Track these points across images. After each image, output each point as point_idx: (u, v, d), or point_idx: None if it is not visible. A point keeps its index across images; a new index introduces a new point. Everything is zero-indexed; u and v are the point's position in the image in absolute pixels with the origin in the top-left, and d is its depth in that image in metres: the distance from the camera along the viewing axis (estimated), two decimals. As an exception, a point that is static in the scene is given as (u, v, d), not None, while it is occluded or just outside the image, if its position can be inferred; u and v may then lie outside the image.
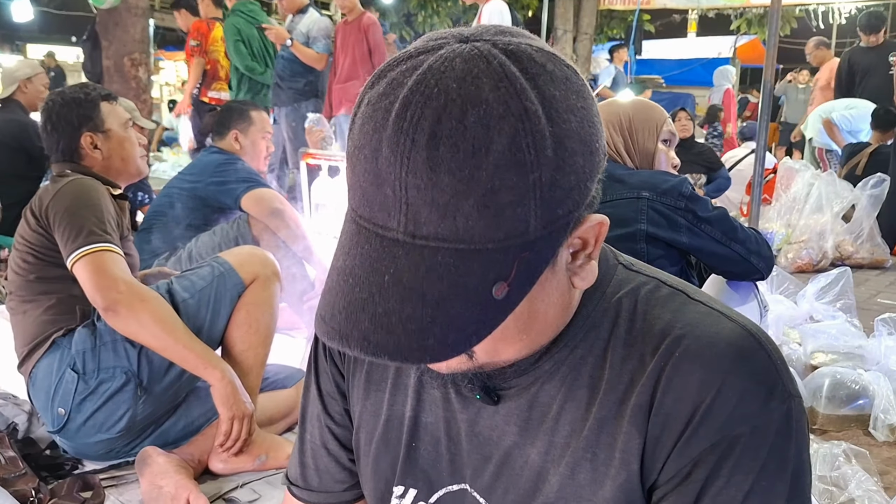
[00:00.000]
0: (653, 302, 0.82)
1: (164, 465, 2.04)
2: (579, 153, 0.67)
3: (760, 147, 5.01)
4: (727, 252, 2.10)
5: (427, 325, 0.65)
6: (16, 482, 2.02)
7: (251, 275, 2.33)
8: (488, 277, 0.65)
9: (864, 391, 2.73)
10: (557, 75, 0.67)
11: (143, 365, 2.14)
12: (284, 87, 6.17)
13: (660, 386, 0.76)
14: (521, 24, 6.65)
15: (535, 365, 0.82)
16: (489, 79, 0.64)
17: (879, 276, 5.48)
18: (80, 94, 2.43)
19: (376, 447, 0.95)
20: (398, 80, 0.66)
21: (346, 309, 0.67)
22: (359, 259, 0.67)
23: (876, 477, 2.22)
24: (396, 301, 0.65)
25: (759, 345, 0.78)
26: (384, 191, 0.65)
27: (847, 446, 2.32)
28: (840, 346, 3.14)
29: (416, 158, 0.63)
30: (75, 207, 2.16)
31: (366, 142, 0.66)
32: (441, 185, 0.63)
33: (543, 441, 0.82)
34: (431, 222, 0.64)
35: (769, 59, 5.05)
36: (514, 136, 0.63)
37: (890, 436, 2.59)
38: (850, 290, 3.70)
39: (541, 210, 0.65)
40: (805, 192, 5.91)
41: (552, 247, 0.69)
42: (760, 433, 0.74)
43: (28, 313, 2.22)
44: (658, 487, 0.78)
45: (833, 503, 2.12)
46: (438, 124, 0.63)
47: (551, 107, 0.65)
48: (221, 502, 2.10)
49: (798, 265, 5.45)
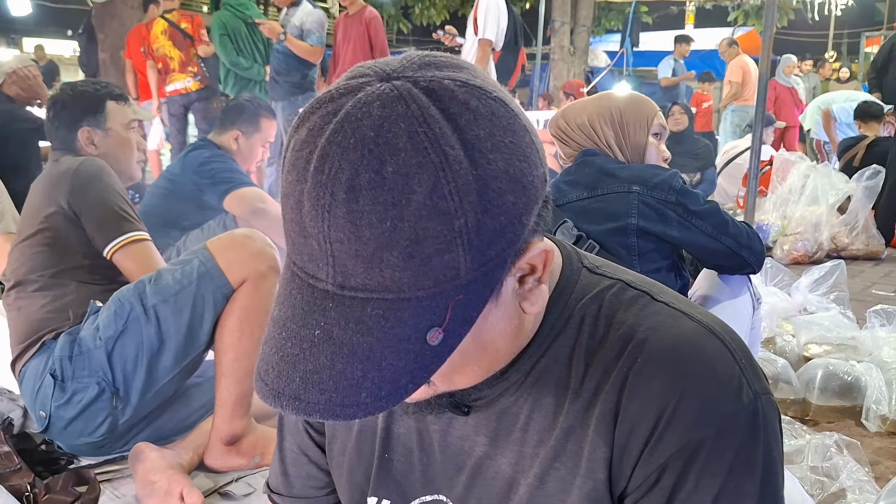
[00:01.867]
0: (616, 305, 0.81)
1: (158, 461, 2.05)
2: (508, 191, 0.64)
3: (756, 139, 5.02)
4: (718, 246, 2.11)
5: (359, 381, 0.64)
6: (11, 477, 2.03)
7: (240, 275, 2.13)
8: (421, 325, 0.64)
9: (856, 382, 2.74)
10: (482, 112, 0.65)
11: (117, 375, 2.11)
12: (280, 81, 6.14)
13: (624, 393, 0.76)
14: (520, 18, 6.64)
15: (502, 376, 0.82)
16: (406, 125, 0.62)
17: (874, 267, 5.49)
18: (90, 88, 2.44)
19: (349, 458, 0.95)
20: (318, 127, 0.64)
21: (277, 365, 0.66)
22: (291, 311, 0.67)
23: (867, 467, 2.23)
24: (327, 357, 0.64)
25: (722, 345, 0.78)
26: (310, 243, 0.64)
27: (839, 437, 2.33)
28: (833, 337, 3.15)
29: (336, 213, 0.62)
30: (102, 191, 2.20)
31: (290, 191, 0.65)
32: (364, 237, 0.62)
33: (513, 451, 0.82)
34: (358, 274, 0.63)
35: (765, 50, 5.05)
36: (434, 184, 0.61)
37: (881, 426, 2.60)
38: (843, 283, 3.71)
39: (470, 254, 0.63)
40: (801, 183, 5.92)
41: (489, 285, 0.67)
42: (726, 435, 0.74)
43: (22, 310, 2.22)
44: (628, 495, 0.77)
45: (824, 493, 2.13)
46: (356, 177, 0.61)
47: (474, 149, 0.63)
48: (216, 497, 2.10)
49: (793, 257, 5.46)
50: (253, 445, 2.20)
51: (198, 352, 2.17)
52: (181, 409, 2.30)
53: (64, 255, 2.22)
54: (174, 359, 2.13)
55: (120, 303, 2.12)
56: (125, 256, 2.19)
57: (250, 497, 2.10)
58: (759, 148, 5.02)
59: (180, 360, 2.14)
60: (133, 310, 2.10)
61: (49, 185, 2.26)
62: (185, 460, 2.15)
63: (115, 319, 2.10)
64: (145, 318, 2.10)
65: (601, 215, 2.08)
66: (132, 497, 2.06)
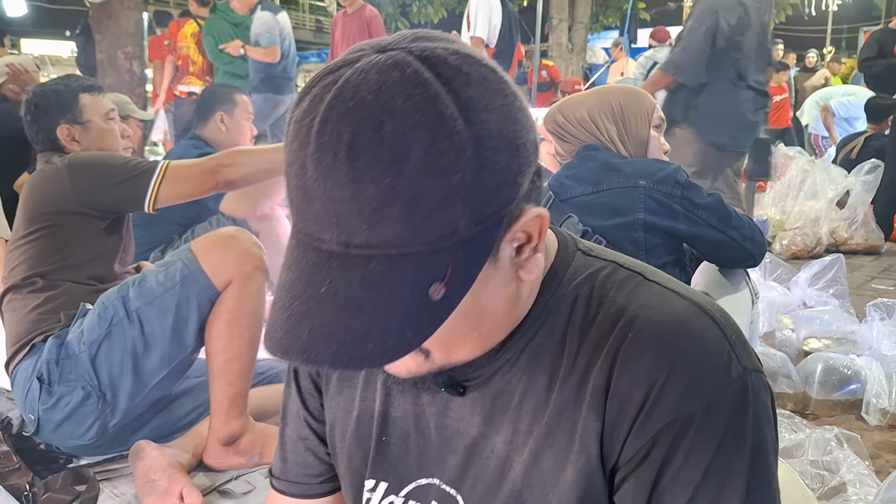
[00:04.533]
0: (608, 286, 0.83)
1: (157, 459, 2.04)
2: (502, 150, 0.67)
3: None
4: (723, 238, 2.11)
5: (365, 333, 0.66)
6: (10, 476, 2.03)
7: (225, 277, 2.09)
8: (423, 280, 0.66)
9: (856, 376, 2.74)
10: (473, 76, 0.68)
11: (103, 379, 2.09)
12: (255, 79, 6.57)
13: (615, 369, 0.78)
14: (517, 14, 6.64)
15: (496, 355, 0.83)
16: (403, 88, 0.65)
17: (874, 261, 5.49)
18: (60, 85, 2.42)
19: (349, 443, 0.97)
20: (318, 97, 0.67)
21: (286, 323, 0.68)
22: (297, 273, 0.69)
23: (867, 461, 2.22)
24: (333, 312, 0.66)
25: (712, 321, 0.79)
26: (314, 206, 0.66)
27: (839, 431, 2.32)
28: (832, 331, 3.15)
29: (338, 173, 0.64)
30: (103, 168, 2.22)
31: (293, 160, 0.68)
32: (365, 195, 0.64)
33: (507, 429, 0.84)
34: (361, 232, 0.65)
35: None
36: (431, 141, 0.64)
37: (882, 420, 2.60)
38: (843, 277, 3.71)
39: (468, 210, 0.66)
40: (799, 178, 5.92)
41: (487, 244, 0.69)
42: (715, 410, 0.75)
43: (16, 312, 2.21)
44: (619, 469, 0.79)
45: (825, 487, 2.12)
46: (356, 137, 0.64)
47: (468, 108, 0.66)
48: (216, 494, 2.10)
49: (792, 251, 5.46)
50: (251, 445, 2.19)
51: (185, 353, 2.15)
52: (181, 407, 2.30)
53: (59, 254, 2.21)
54: (161, 362, 2.11)
55: (104, 306, 2.11)
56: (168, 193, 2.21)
57: (250, 495, 2.09)
58: (757, 143, 5.03)
59: (167, 363, 2.13)
60: (116, 313, 2.09)
61: (44, 185, 2.25)
62: (185, 459, 2.14)
63: (98, 323, 2.09)
64: (128, 322, 2.08)
65: (607, 210, 2.07)
66: (131, 496, 2.06)
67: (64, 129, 2.35)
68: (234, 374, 2.11)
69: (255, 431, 2.21)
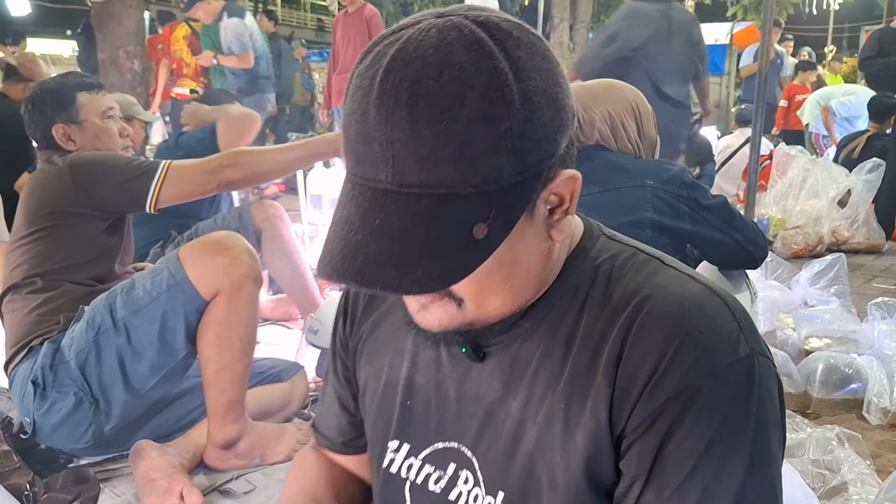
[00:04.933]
0: (628, 267, 0.89)
1: (158, 459, 2.04)
2: (546, 108, 0.75)
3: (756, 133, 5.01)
4: (727, 240, 2.10)
5: (414, 261, 0.72)
6: (10, 476, 2.03)
7: (212, 288, 2.05)
8: (468, 219, 0.73)
9: (857, 375, 2.73)
10: (523, 41, 0.75)
11: (94, 385, 2.07)
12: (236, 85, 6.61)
13: (628, 341, 0.83)
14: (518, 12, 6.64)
15: (517, 323, 0.90)
16: (461, 44, 0.72)
17: (875, 260, 5.48)
18: (59, 83, 2.40)
19: (377, 406, 1.04)
20: (382, 52, 0.74)
21: (342, 251, 0.74)
22: (353, 209, 0.75)
23: (869, 460, 2.22)
24: (386, 241, 0.73)
25: (723, 304, 0.84)
26: (373, 148, 0.73)
27: (840, 430, 2.32)
28: (834, 330, 3.14)
29: (398, 115, 0.71)
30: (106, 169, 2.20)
31: (356, 107, 0.74)
32: (421, 137, 0.71)
33: (523, 395, 0.89)
34: (415, 172, 0.72)
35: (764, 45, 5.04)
36: (484, 91, 0.71)
37: (883, 419, 2.60)
38: (844, 276, 3.70)
39: (513, 158, 0.73)
40: (801, 177, 5.91)
41: (527, 194, 0.77)
42: (721, 385, 0.79)
43: (16, 312, 2.20)
44: (626, 436, 0.83)
45: (826, 486, 2.12)
46: (417, 85, 0.71)
47: (518, 66, 0.73)
48: (216, 494, 2.10)
49: (794, 251, 5.45)
50: (251, 447, 2.19)
51: (176, 361, 2.13)
52: (181, 407, 2.29)
53: (59, 254, 2.21)
54: (150, 369, 2.10)
55: (92, 313, 2.10)
56: (169, 194, 2.21)
57: (251, 494, 2.09)
58: (758, 142, 5.01)
59: (158, 370, 2.11)
60: (104, 322, 2.07)
61: (46, 185, 2.25)
62: (186, 458, 2.14)
63: (86, 331, 2.08)
64: (115, 331, 2.06)
65: (615, 209, 2.03)
66: (132, 495, 2.06)
67: (59, 128, 2.34)
68: (227, 383, 2.10)
69: (255, 434, 2.21)
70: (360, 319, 1.09)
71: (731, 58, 13.16)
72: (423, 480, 0.98)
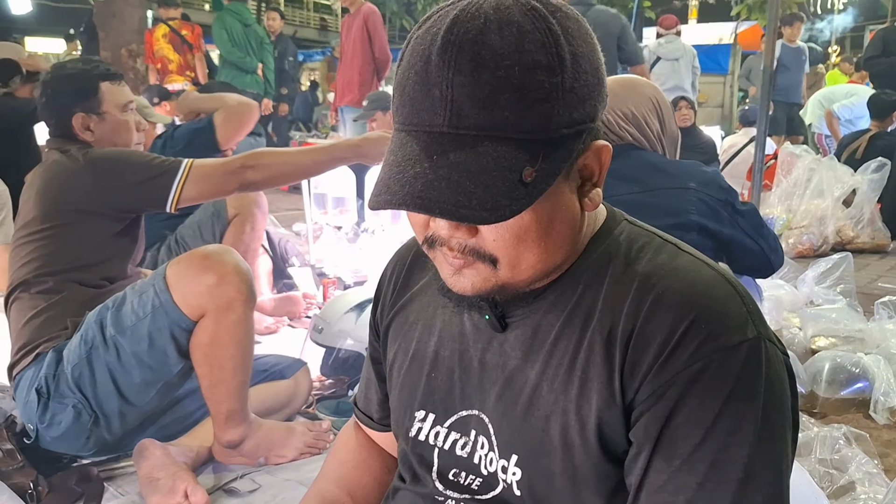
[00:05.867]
0: (647, 249, 0.94)
1: (162, 458, 2.03)
2: (590, 73, 0.82)
3: (761, 132, 5.00)
4: (754, 246, 2.10)
5: (470, 192, 0.77)
6: (14, 475, 2.02)
7: (198, 310, 1.99)
8: (519, 161, 0.78)
9: (864, 374, 2.72)
10: (571, 15, 0.83)
11: (90, 399, 2.04)
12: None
13: (641, 316, 0.88)
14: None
15: (540, 296, 0.95)
16: (518, 8, 0.79)
17: (880, 260, 5.47)
18: (81, 69, 2.32)
19: (403, 378, 1.10)
20: (443, 15, 0.81)
21: (399, 181, 0.79)
22: (409, 151, 0.80)
23: (876, 459, 2.21)
24: (444, 170, 0.78)
25: (734, 290, 0.89)
26: (433, 93, 0.78)
27: (847, 429, 2.31)
28: (840, 329, 3.13)
29: (461, 60, 0.77)
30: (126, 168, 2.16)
31: (416, 59, 0.80)
32: (482, 81, 0.77)
33: (541, 363, 0.94)
34: (472, 115, 0.77)
35: (769, 44, 5.03)
36: (541, 45, 0.78)
37: (890, 419, 2.59)
38: (850, 275, 3.69)
39: (561, 109, 0.79)
40: (806, 177, 5.89)
41: (569, 150, 0.82)
42: (728, 363, 0.83)
43: (23, 312, 2.15)
44: (636, 407, 0.87)
45: (833, 486, 2.11)
46: (481, 35, 0.77)
47: (568, 33, 0.80)
48: (221, 493, 2.09)
49: (799, 250, 5.44)
50: (255, 447, 2.18)
51: (170, 375, 2.09)
52: (185, 408, 2.27)
53: (72, 253, 2.16)
54: (144, 384, 2.07)
55: (86, 327, 2.06)
56: (191, 194, 2.16)
57: (255, 493, 2.08)
58: (763, 142, 5.01)
59: (152, 385, 2.08)
60: (94, 338, 2.04)
61: (64, 181, 2.17)
62: (190, 458, 2.13)
63: (79, 345, 2.05)
64: (105, 348, 2.03)
65: (658, 211, 1.97)
66: (136, 494, 2.05)
67: (80, 117, 2.27)
68: (223, 396, 2.08)
69: (260, 434, 2.19)
70: (391, 302, 1.15)
71: (735, 57, 13.11)
72: (451, 446, 1.03)
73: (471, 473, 1.01)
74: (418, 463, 1.07)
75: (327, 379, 2.86)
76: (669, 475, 0.84)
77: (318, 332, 2.79)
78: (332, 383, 2.83)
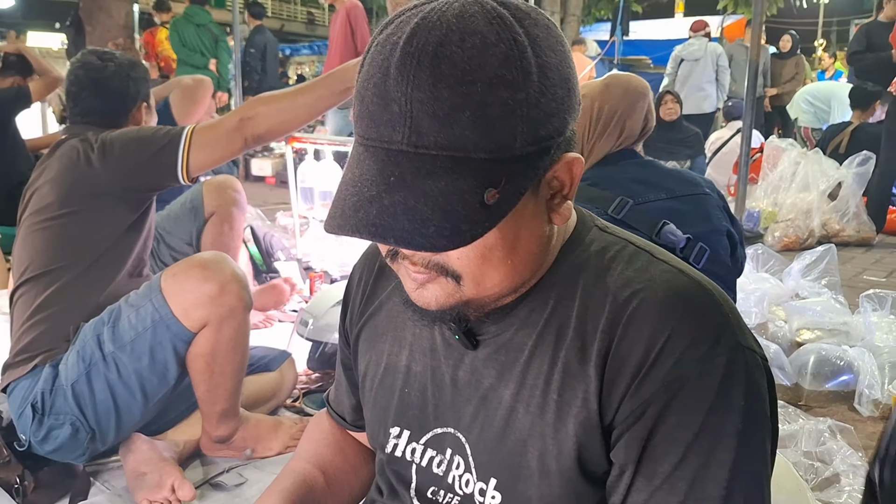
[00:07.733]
0: (619, 259, 0.90)
1: (148, 453, 2.02)
2: (559, 86, 0.77)
3: (747, 126, 5.02)
4: (742, 253, 2.14)
5: (428, 218, 0.73)
6: (0, 470, 2.01)
7: (198, 322, 1.98)
8: (481, 183, 0.74)
9: (848, 367, 2.74)
10: (540, 22, 0.79)
11: (89, 416, 2.00)
12: None
13: (617, 333, 0.84)
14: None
15: (511, 312, 0.91)
16: (483, 17, 0.75)
17: (866, 253, 5.50)
18: (133, 61, 2.34)
19: (376, 392, 1.07)
20: (404, 21, 0.76)
21: (355, 204, 0.75)
22: (367, 169, 0.76)
23: (861, 452, 2.23)
24: (401, 196, 0.73)
25: (711, 299, 0.85)
26: (391, 108, 0.74)
27: (832, 422, 2.33)
28: (825, 322, 3.14)
29: (420, 75, 0.72)
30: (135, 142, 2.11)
31: (375, 70, 0.76)
32: (441, 98, 0.72)
33: (515, 383, 0.91)
34: (432, 132, 0.73)
35: (755, 38, 5.05)
36: (504, 59, 0.73)
37: (874, 411, 2.60)
38: (835, 268, 3.70)
39: (526, 127, 0.74)
40: (791, 170, 5.92)
41: (535, 167, 0.78)
42: (707, 376, 0.81)
43: (23, 314, 2.08)
44: (615, 427, 0.85)
45: (818, 478, 2.13)
46: (441, 48, 0.73)
47: (535, 43, 0.76)
48: (208, 487, 2.09)
49: (784, 243, 5.47)
50: (243, 440, 2.18)
51: (169, 387, 2.07)
52: (175, 408, 2.25)
53: (84, 240, 2.08)
54: (144, 398, 2.04)
55: (82, 343, 2.01)
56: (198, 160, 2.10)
57: (242, 487, 2.09)
58: (749, 135, 5.02)
59: (152, 398, 2.06)
60: (93, 354, 2.00)
61: (79, 166, 2.09)
62: (177, 452, 2.13)
63: (77, 362, 2.00)
64: (104, 365, 1.99)
65: (693, 218, 1.98)
66: (122, 489, 2.05)
67: (144, 107, 2.33)
68: (219, 398, 2.08)
69: (248, 427, 2.19)
70: (360, 311, 1.11)
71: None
72: (428, 463, 1.01)
73: (448, 492, 0.99)
74: (396, 480, 1.05)
75: (314, 373, 2.86)
76: (650, 494, 0.82)
77: (304, 325, 2.79)
78: (318, 377, 2.82)
